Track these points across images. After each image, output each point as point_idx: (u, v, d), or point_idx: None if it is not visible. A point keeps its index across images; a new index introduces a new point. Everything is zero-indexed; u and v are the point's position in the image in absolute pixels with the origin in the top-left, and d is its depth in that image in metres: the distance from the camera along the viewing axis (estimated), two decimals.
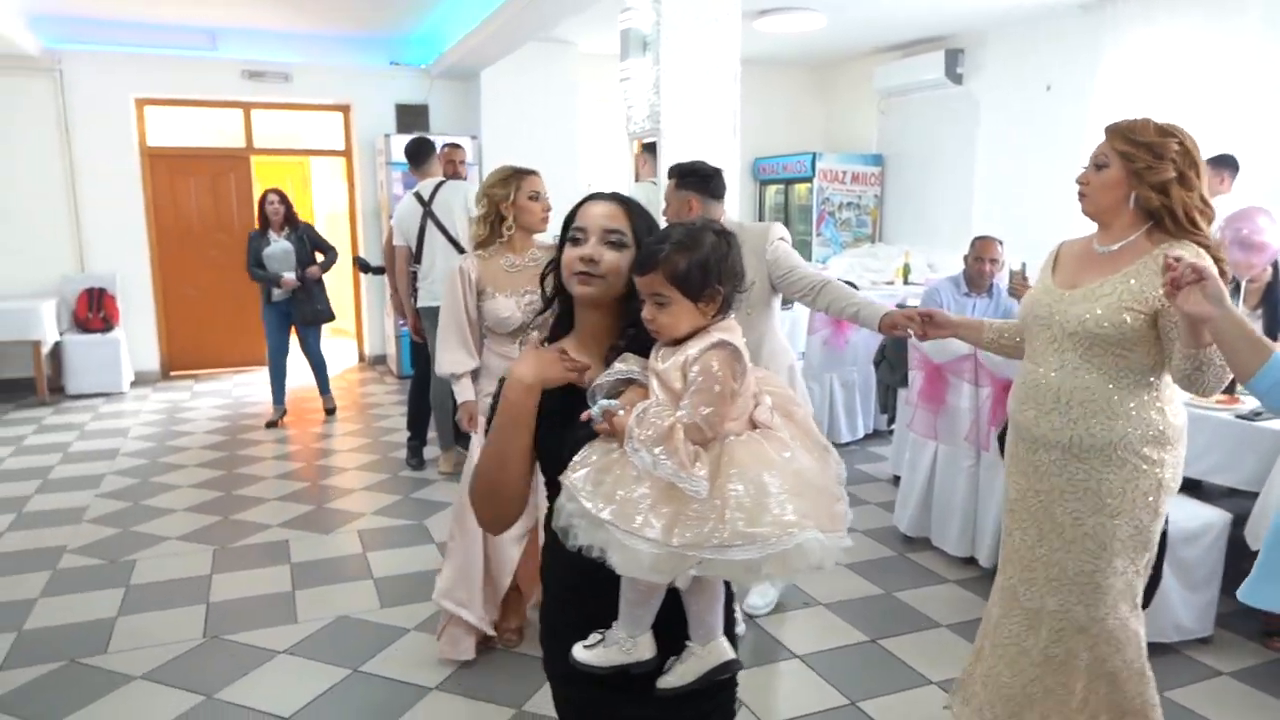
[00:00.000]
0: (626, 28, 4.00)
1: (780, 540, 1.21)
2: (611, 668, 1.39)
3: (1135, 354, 2.08)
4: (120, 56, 7.56)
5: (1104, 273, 2.12)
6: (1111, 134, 2.10)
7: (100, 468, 5.47)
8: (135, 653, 3.22)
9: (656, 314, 1.37)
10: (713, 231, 1.39)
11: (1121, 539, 2.16)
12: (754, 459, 1.28)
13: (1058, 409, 2.16)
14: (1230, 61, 5.69)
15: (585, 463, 1.30)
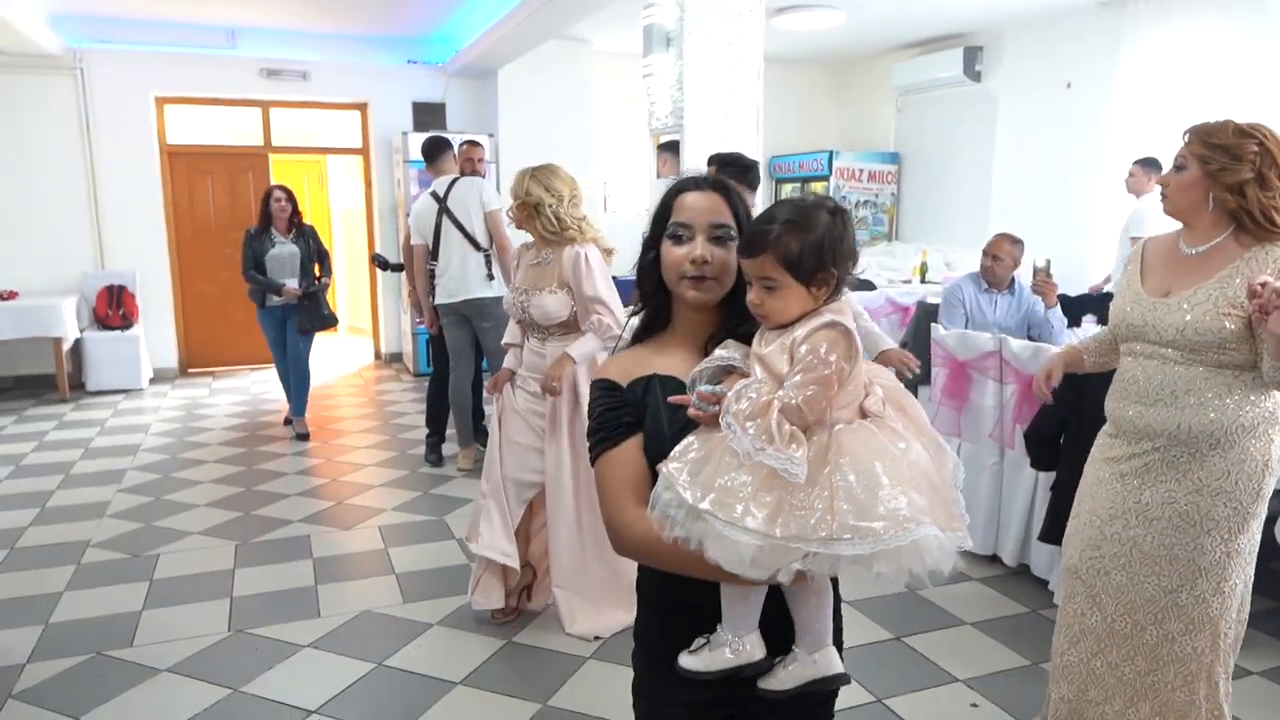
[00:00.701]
0: (649, 23, 3.99)
1: (895, 536, 1.11)
2: (721, 671, 1.30)
3: (1237, 353, 2.10)
4: (140, 55, 7.61)
5: (1195, 278, 2.14)
6: (1191, 137, 2.14)
7: (122, 463, 5.50)
8: (161, 646, 3.24)
9: (765, 299, 1.28)
10: (826, 210, 1.28)
11: (1216, 519, 2.16)
12: (865, 448, 1.18)
13: (1162, 400, 2.18)
14: (1251, 59, 5.64)
15: (685, 451, 1.23)
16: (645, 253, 1.42)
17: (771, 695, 1.32)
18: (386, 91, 8.40)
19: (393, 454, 5.70)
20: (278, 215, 5.77)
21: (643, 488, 1.31)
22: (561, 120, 8.23)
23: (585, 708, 2.83)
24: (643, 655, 1.48)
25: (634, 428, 1.34)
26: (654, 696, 1.45)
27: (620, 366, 1.40)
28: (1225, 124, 2.10)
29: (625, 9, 5.83)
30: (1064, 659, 2.44)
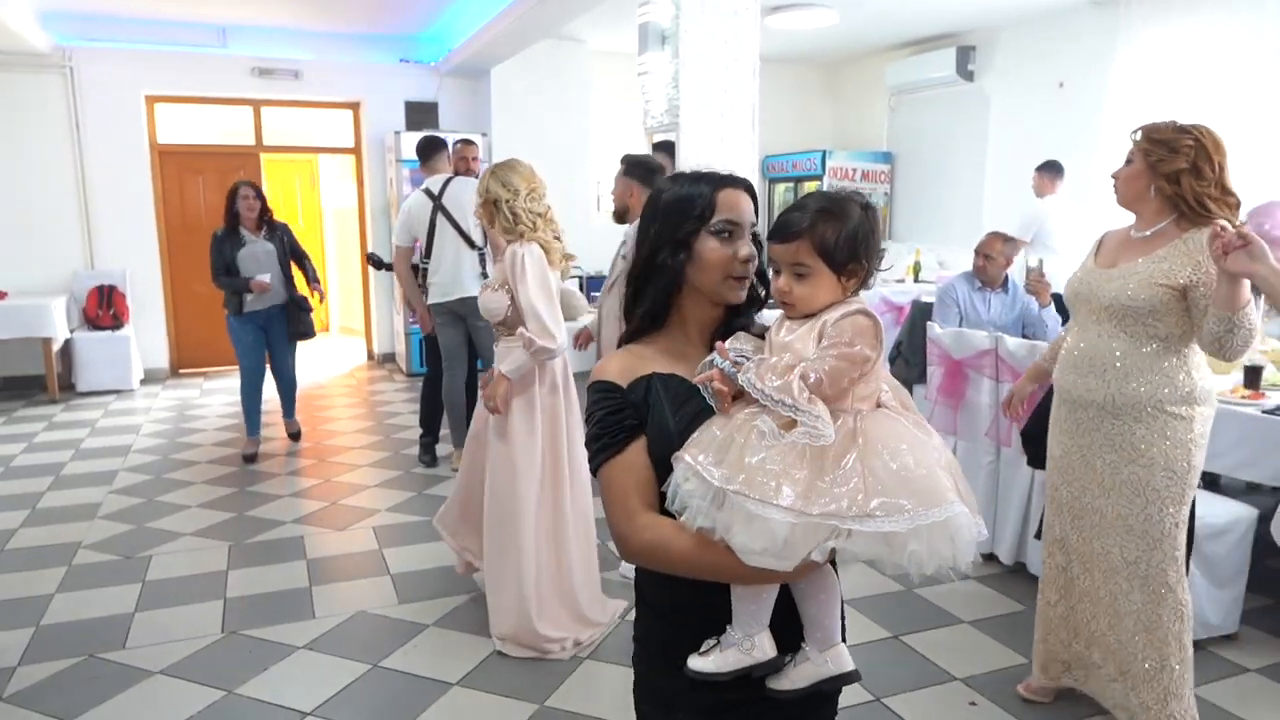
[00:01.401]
0: (645, 21, 3.98)
1: (929, 513, 1.11)
2: (733, 672, 1.28)
3: (1164, 324, 2.34)
4: (131, 53, 7.56)
5: (1139, 254, 2.41)
6: (1137, 134, 2.43)
7: (113, 464, 5.46)
8: (154, 648, 3.21)
9: (794, 285, 1.27)
10: (858, 203, 1.30)
11: (1157, 489, 2.39)
12: (891, 433, 1.18)
13: (1094, 372, 2.44)
14: (1245, 58, 5.66)
15: (704, 437, 1.21)
16: (672, 252, 1.34)
17: (782, 695, 1.31)
18: (379, 91, 8.37)
19: (386, 454, 5.67)
20: (245, 214, 5.36)
21: (649, 492, 1.29)
22: (555, 120, 8.21)
23: (582, 708, 2.82)
24: (646, 658, 1.45)
25: (637, 430, 1.31)
26: (660, 701, 1.43)
27: (620, 366, 1.36)
28: (1168, 123, 2.37)
29: (618, 8, 5.82)
30: (1055, 610, 2.71)
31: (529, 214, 3.05)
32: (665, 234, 1.35)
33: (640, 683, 1.47)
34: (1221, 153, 2.33)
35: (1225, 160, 2.33)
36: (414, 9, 7.32)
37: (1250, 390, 3.31)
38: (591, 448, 1.34)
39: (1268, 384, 3.39)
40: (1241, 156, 5.71)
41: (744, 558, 1.15)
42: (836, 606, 1.33)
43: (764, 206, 9.60)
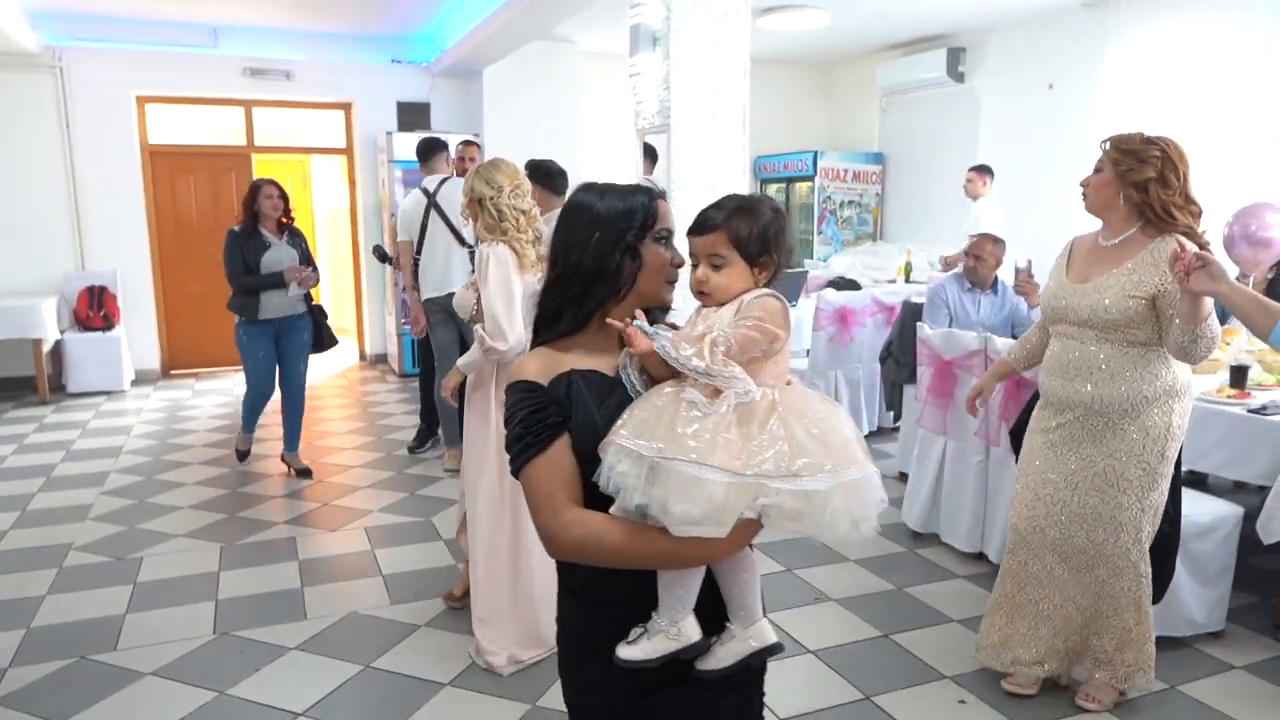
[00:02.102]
0: (636, 23, 3.99)
1: (849, 471, 1.22)
2: (661, 658, 1.32)
3: (1142, 331, 2.49)
4: (121, 53, 7.54)
5: (1109, 266, 2.53)
6: (1107, 144, 2.55)
7: (104, 465, 5.45)
8: (145, 649, 3.21)
9: (710, 275, 1.39)
10: (770, 206, 1.43)
11: (1129, 479, 2.55)
12: (807, 404, 1.29)
13: (1081, 376, 2.57)
14: (1234, 60, 5.70)
15: (630, 420, 1.25)
16: (622, 256, 1.38)
17: (710, 675, 1.37)
18: (371, 91, 8.36)
19: (378, 455, 5.67)
20: (269, 213, 4.90)
21: (575, 488, 1.32)
22: (547, 120, 8.21)
23: None
24: (571, 646, 1.48)
25: (560, 428, 1.32)
26: (589, 686, 1.45)
27: (539, 365, 1.37)
28: (1136, 134, 2.51)
29: (610, 9, 5.83)
30: (1013, 600, 2.83)
31: (513, 210, 3.04)
32: (613, 240, 1.38)
33: (566, 667, 1.50)
34: (1185, 163, 2.49)
35: (1188, 170, 2.49)
36: (406, 10, 7.32)
37: (1236, 390, 3.34)
38: (514, 448, 1.34)
39: (1253, 384, 3.42)
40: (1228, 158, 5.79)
41: (680, 529, 1.20)
42: (756, 585, 1.41)
43: None
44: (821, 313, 5.58)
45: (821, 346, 5.63)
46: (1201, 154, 5.88)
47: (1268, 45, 5.51)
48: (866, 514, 1.25)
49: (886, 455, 5.53)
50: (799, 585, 3.70)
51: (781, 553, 3.99)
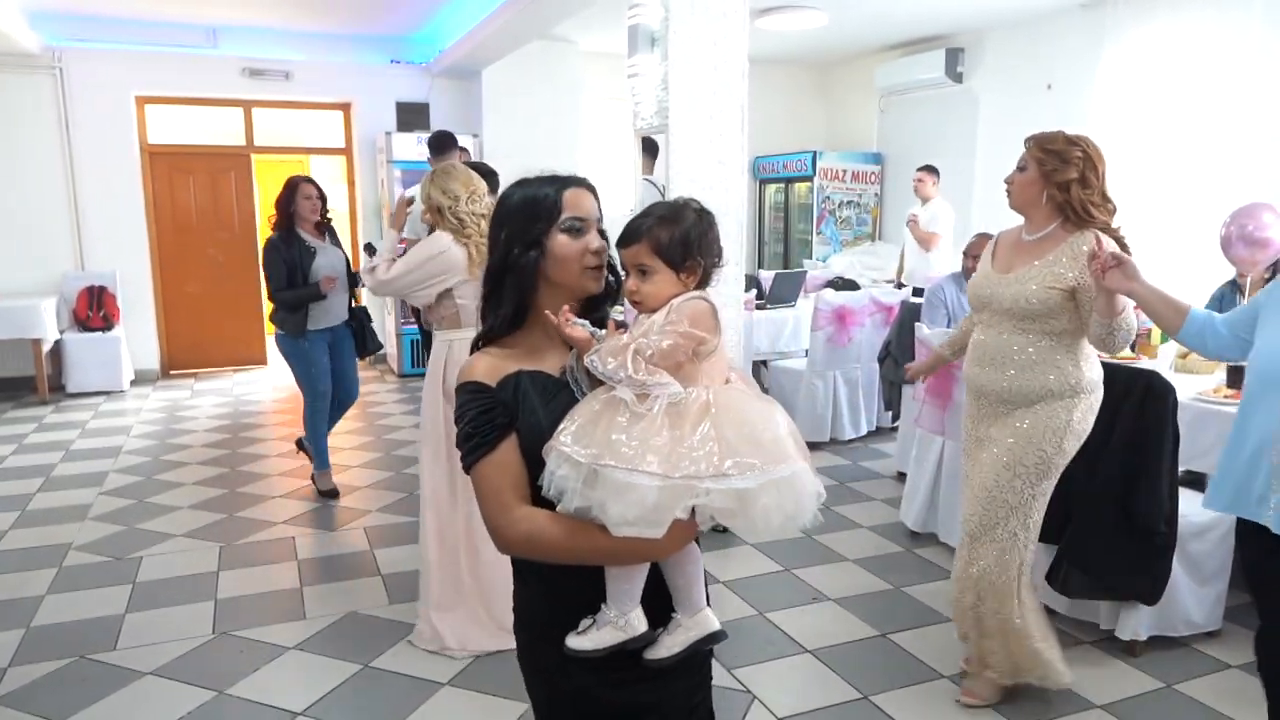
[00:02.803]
0: (635, 23, 4.00)
1: (776, 469, 1.25)
2: (609, 648, 1.38)
3: (1058, 321, 2.58)
4: (121, 54, 7.54)
5: (1031, 258, 2.63)
6: (1031, 143, 2.63)
7: (103, 465, 5.46)
8: (144, 649, 3.22)
9: (640, 284, 1.41)
10: (693, 209, 1.44)
11: (1026, 464, 2.64)
12: (739, 404, 1.32)
13: (996, 365, 2.67)
14: (1231, 59, 5.70)
15: (568, 424, 1.30)
16: (524, 250, 1.40)
17: (657, 664, 1.41)
18: (370, 91, 8.37)
19: (377, 455, 5.68)
20: (309, 215, 4.54)
21: (523, 486, 1.36)
22: (546, 120, 8.22)
23: None
24: (528, 632, 1.51)
25: (508, 428, 1.36)
26: (548, 669, 1.48)
27: (486, 366, 1.40)
28: (1057, 134, 2.60)
29: (609, 9, 5.83)
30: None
31: (472, 216, 3.15)
32: (517, 234, 1.42)
33: (524, 653, 1.53)
34: (1103, 163, 2.59)
35: (1105, 170, 2.60)
36: (405, 10, 7.32)
37: (1233, 390, 3.35)
38: (464, 447, 1.38)
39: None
40: (1225, 158, 5.79)
41: (618, 530, 1.25)
42: (700, 576, 1.45)
43: (755, 208, 9.63)
44: (820, 313, 5.59)
45: (820, 346, 5.64)
46: (1198, 154, 5.92)
47: (1265, 45, 5.52)
48: (800, 508, 1.29)
49: (885, 455, 5.54)
50: (797, 585, 3.71)
51: (779, 552, 4.00)
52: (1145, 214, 6.03)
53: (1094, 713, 2.80)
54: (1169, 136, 6.10)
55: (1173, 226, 6.00)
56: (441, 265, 3.12)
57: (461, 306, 3.17)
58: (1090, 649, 3.18)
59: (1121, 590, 3.05)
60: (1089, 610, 3.25)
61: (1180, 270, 5.53)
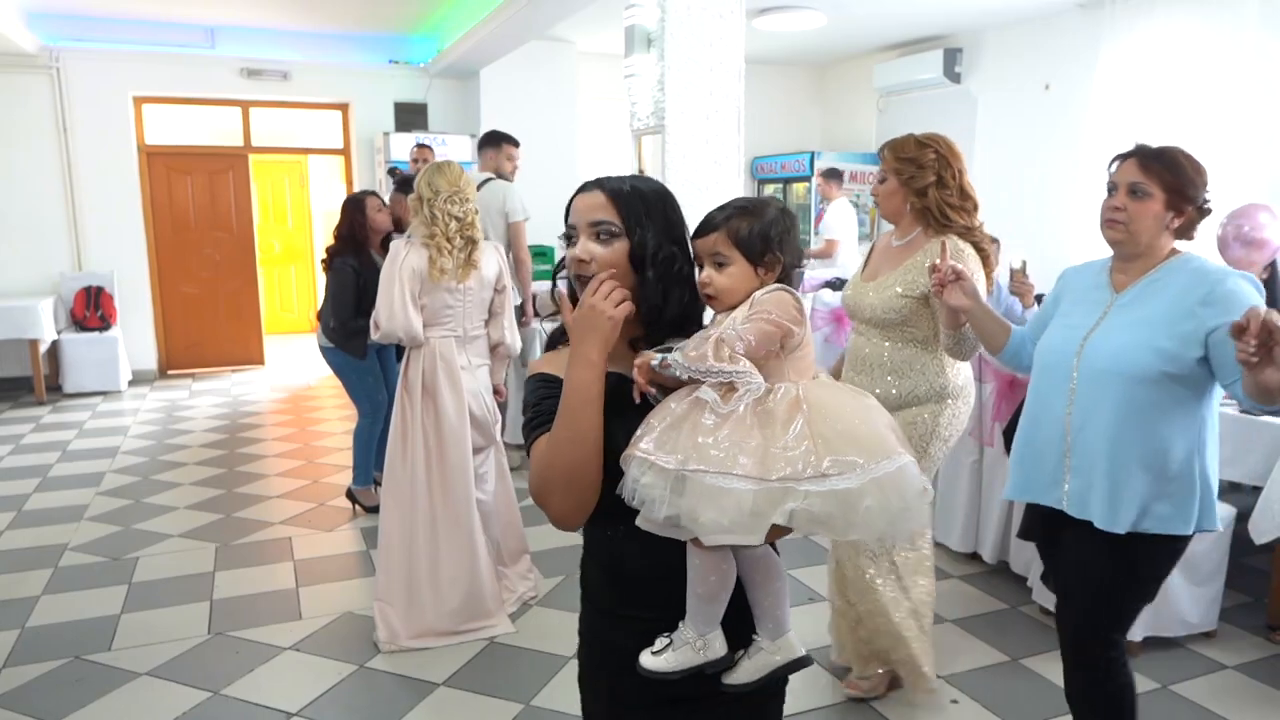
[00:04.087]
0: (631, 24, 4.00)
1: (879, 465, 1.16)
2: (684, 671, 1.31)
3: (918, 328, 2.62)
4: (118, 54, 7.54)
5: (893, 265, 2.66)
6: (886, 151, 2.65)
7: (100, 466, 5.45)
8: (140, 649, 3.21)
9: (714, 276, 1.35)
10: (776, 205, 1.40)
11: None
12: (832, 397, 1.25)
13: (865, 371, 2.70)
14: (1228, 60, 5.71)
15: (647, 430, 1.23)
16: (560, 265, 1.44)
17: (736, 689, 1.35)
18: (368, 92, 8.37)
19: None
20: (383, 227, 4.26)
21: None
22: (544, 120, 8.21)
23: (567, 708, 2.83)
24: (590, 655, 1.48)
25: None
26: (607, 697, 1.44)
27: (556, 363, 1.39)
28: (908, 138, 2.61)
29: (607, 10, 5.83)
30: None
31: (445, 215, 3.17)
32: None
33: (585, 678, 1.50)
34: (959, 159, 2.59)
35: (963, 165, 2.59)
36: (403, 10, 7.32)
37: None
38: (526, 428, 1.38)
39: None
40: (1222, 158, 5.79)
41: (713, 539, 1.18)
42: (786, 597, 1.39)
43: None
44: (817, 313, 5.59)
45: (818, 346, 5.64)
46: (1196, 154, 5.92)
47: (1261, 46, 5.52)
48: (906, 508, 1.19)
49: None
50: (793, 585, 3.71)
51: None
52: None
53: None
54: (1166, 137, 6.07)
55: None
56: (408, 270, 3.17)
57: (422, 306, 3.22)
58: None
59: None
60: None
61: None
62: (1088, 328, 2.09)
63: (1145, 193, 2.03)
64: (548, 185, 6.51)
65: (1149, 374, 1.97)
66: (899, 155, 2.60)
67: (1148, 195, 2.03)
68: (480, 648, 3.22)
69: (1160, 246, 2.07)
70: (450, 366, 3.27)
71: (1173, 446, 1.99)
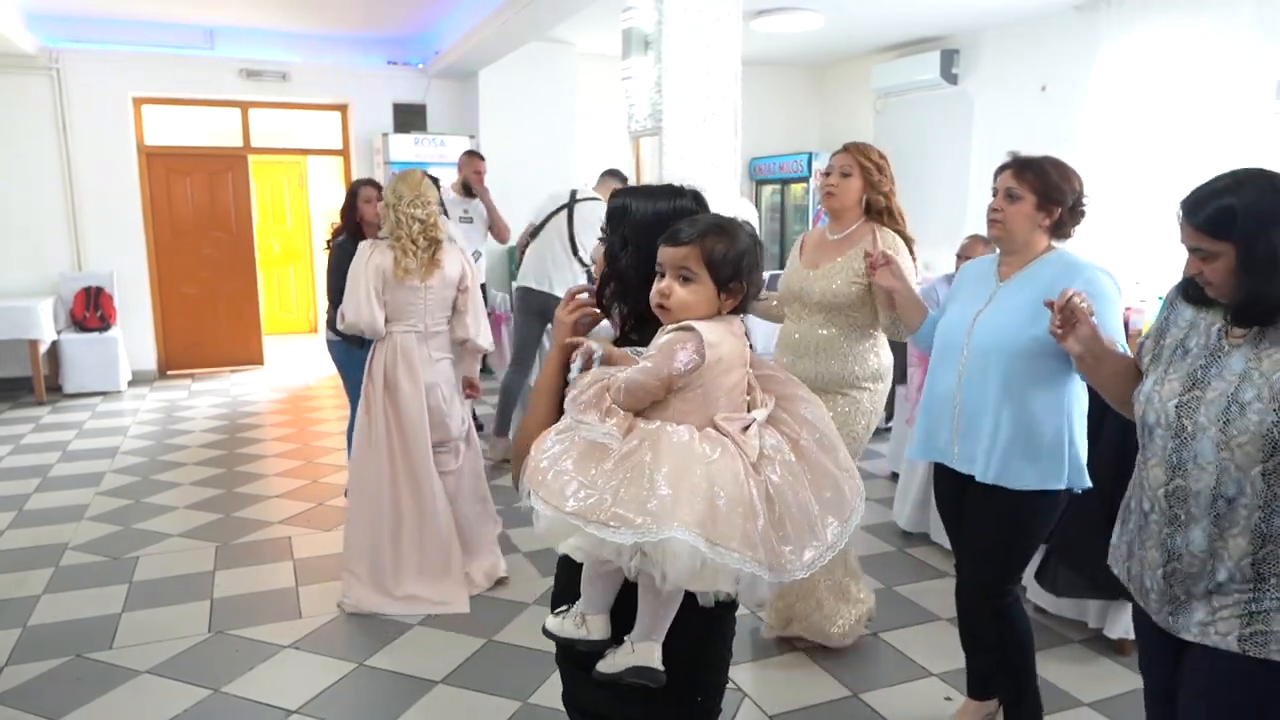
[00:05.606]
0: (628, 27, 4.02)
1: (649, 531, 1.19)
2: (565, 640, 1.44)
3: (859, 314, 2.91)
4: (118, 55, 7.56)
5: (835, 255, 2.95)
6: (853, 150, 2.94)
7: (100, 466, 5.47)
8: (141, 648, 3.24)
9: (676, 289, 1.34)
10: (748, 233, 1.39)
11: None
12: (672, 450, 1.25)
13: (807, 354, 2.95)
14: (1223, 62, 5.74)
15: (544, 437, 1.36)
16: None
17: (599, 677, 1.42)
18: (367, 92, 8.39)
19: None
20: (372, 219, 4.23)
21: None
22: (543, 121, 8.25)
23: None
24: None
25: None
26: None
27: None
28: (871, 146, 2.96)
29: (606, 11, 5.85)
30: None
31: (408, 218, 3.42)
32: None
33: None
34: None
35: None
36: (402, 11, 7.34)
37: None
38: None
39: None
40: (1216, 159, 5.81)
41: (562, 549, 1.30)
42: (665, 608, 1.39)
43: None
44: None
45: None
46: (1191, 156, 5.95)
47: (1255, 48, 5.55)
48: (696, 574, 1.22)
49: (878, 455, 5.57)
50: None
51: None
52: (1138, 214, 6.07)
53: (1083, 710, 2.83)
54: (1162, 138, 6.13)
55: (1165, 227, 6.03)
56: (374, 268, 3.43)
57: (386, 302, 3.46)
58: (1079, 647, 3.21)
59: (1111, 588, 3.07)
60: (1078, 609, 3.28)
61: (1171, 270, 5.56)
62: (976, 310, 2.43)
63: (1018, 196, 2.41)
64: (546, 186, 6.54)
65: (1024, 350, 2.29)
66: (869, 157, 2.92)
67: (1020, 198, 2.40)
68: (478, 646, 3.24)
69: (1036, 242, 2.42)
70: (410, 359, 3.50)
71: (1044, 412, 2.31)
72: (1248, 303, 1.56)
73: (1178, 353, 1.71)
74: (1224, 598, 1.58)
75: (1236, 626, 1.57)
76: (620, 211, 1.51)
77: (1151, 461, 1.70)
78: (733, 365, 1.34)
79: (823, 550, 1.27)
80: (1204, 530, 1.59)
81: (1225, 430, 1.55)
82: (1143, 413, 1.73)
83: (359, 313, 3.43)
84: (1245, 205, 1.54)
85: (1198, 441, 1.59)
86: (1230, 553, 1.56)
